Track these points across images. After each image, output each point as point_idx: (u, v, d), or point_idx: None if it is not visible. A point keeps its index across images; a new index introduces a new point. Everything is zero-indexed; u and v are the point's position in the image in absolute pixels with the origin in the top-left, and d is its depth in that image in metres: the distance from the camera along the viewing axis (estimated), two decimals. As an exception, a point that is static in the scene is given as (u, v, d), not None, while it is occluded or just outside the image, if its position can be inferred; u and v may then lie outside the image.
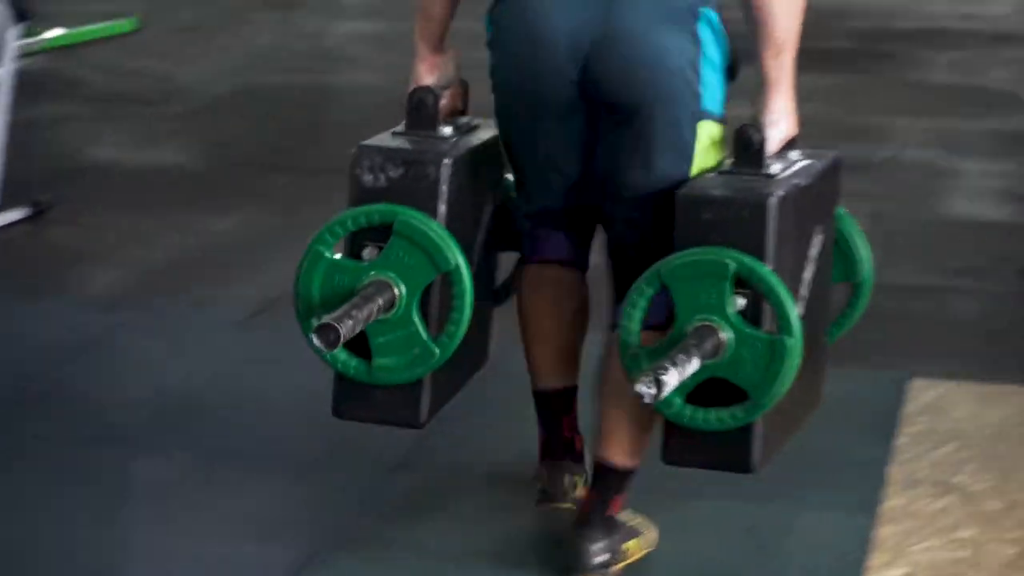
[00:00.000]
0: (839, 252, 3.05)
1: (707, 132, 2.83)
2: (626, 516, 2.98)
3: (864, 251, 3.11)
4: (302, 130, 6.58)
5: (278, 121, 6.73)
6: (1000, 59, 7.79)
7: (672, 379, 2.55)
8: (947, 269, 4.85)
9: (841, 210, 3.05)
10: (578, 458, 3.14)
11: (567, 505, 3.08)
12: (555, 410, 3.13)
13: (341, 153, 3.02)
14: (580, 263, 3.06)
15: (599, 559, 2.90)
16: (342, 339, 2.64)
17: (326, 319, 2.65)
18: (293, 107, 6.99)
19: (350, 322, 2.66)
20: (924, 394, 3.84)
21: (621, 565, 2.95)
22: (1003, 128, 5.88)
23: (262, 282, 4.60)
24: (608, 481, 2.92)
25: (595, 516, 2.91)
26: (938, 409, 3.78)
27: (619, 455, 2.91)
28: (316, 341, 2.66)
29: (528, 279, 3.08)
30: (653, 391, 2.54)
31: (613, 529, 2.92)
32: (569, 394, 3.13)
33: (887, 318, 4.03)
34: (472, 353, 3.00)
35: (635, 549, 2.98)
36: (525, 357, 3.12)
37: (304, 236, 2.89)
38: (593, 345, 3.08)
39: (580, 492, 3.07)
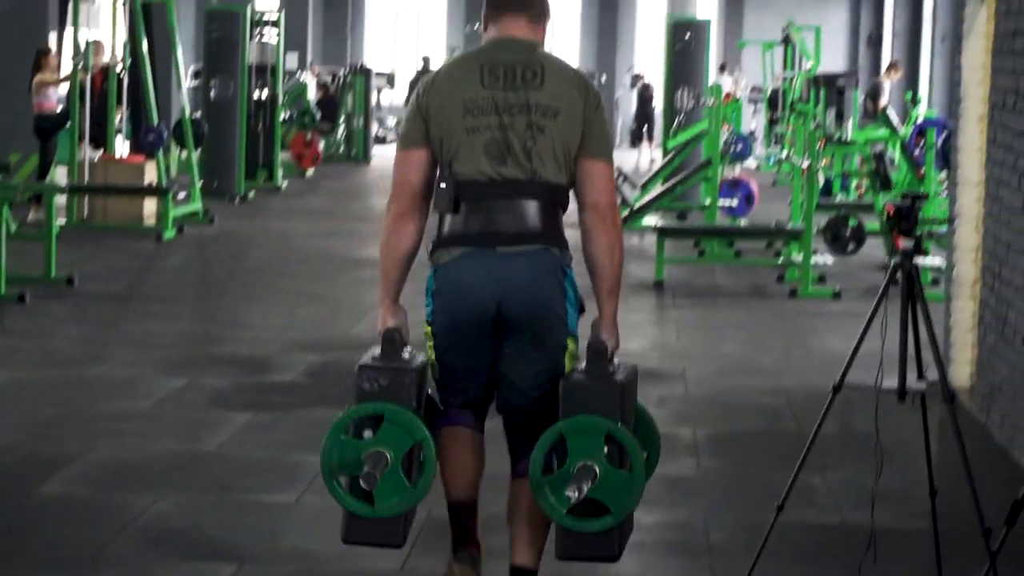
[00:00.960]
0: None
1: (570, 344, 4.78)
2: None
3: (655, 428, 4.94)
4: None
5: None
6: (648, 399, 7.84)
7: (585, 490, 4.44)
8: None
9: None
10: (477, 548, 4.82)
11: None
12: (465, 513, 4.83)
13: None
14: (480, 428, 4.88)
15: None
16: (376, 482, 4.49)
17: (367, 471, 4.47)
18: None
19: (372, 474, 4.48)
20: None
21: None
22: (663, 473, 5.58)
23: None
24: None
25: None
26: None
27: (531, 558, 4.78)
28: (363, 483, 4.49)
29: (446, 436, 4.82)
30: (575, 495, 4.43)
31: None
32: (474, 504, 4.85)
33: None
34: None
35: None
36: (444, 484, 4.82)
37: None
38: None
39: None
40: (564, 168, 4.77)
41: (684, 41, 19.54)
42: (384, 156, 29.68)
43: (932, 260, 12.95)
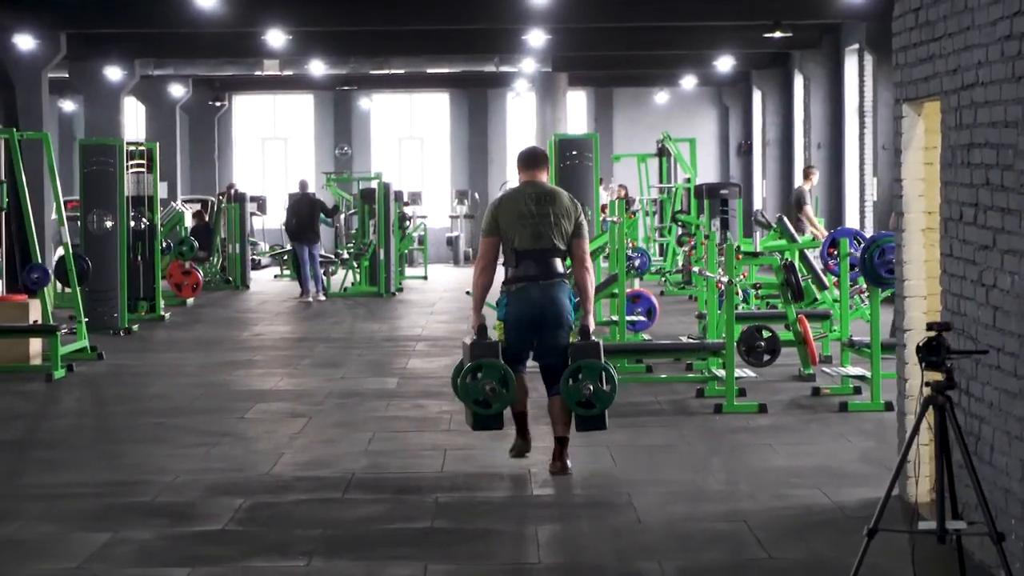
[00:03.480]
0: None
1: (572, 328, 9.53)
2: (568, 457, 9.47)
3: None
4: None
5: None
6: (600, 530, 7.78)
7: (587, 394, 9.30)
8: None
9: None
10: (528, 434, 9.87)
11: (526, 453, 9.86)
12: (521, 416, 9.81)
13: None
14: (523, 373, 9.63)
15: (566, 471, 9.37)
16: (495, 396, 9.37)
17: (489, 392, 9.37)
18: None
19: (493, 392, 9.35)
20: None
21: (569, 468, 9.38)
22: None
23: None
24: (563, 443, 9.46)
25: (562, 456, 9.44)
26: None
27: (564, 431, 9.48)
28: (489, 396, 9.36)
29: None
30: (586, 395, 9.27)
31: (566, 462, 9.44)
32: (526, 412, 9.81)
33: None
34: None
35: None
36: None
37: None
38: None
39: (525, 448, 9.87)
40: (565, 242, 9.44)
41: (571, 157, 19.36)
42: (262, 281, 29.23)
43: (853, 370, 12.77)
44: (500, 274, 9.64)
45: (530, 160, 9.62)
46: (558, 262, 9.36)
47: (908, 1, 8.39)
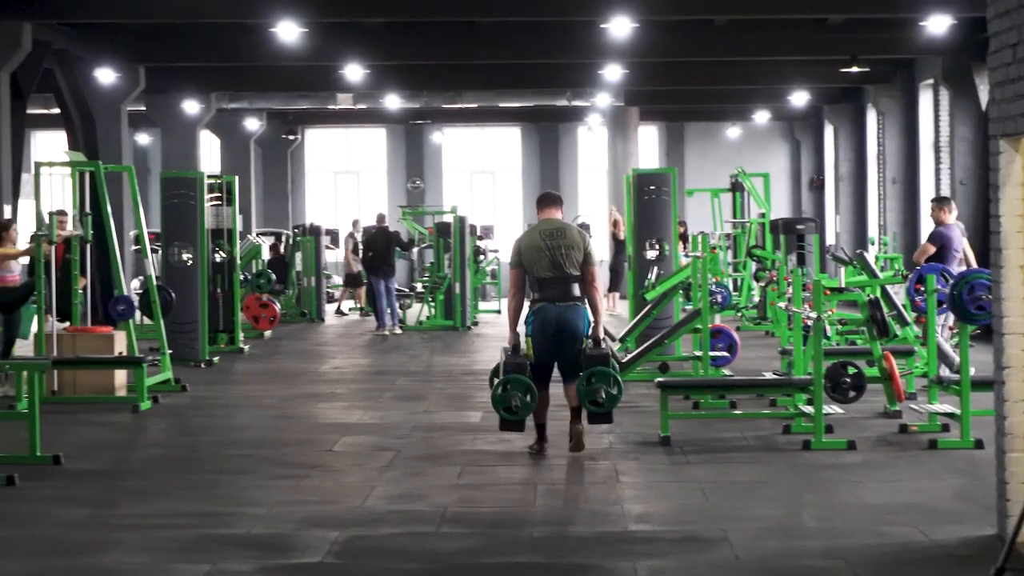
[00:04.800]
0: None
1: (586, 340, 11.51)
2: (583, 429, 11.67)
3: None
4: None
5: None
6: (698, 567, 7.91)
7: (599, 395, 11.40)
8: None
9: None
10: (546, 441, 11.73)
11: (545, 453, 11.61)
12: (542, 427, 11.73)
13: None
14: (547, 388, 11.70)
15: (580, 447, 11.58)
16: (520, 406, 11.50)
17: (515, 403, 11.48)
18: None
19: (519, 404, 11.48)
20: None
21: (584, 439, 11.65)
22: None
23: None
24: (576, 413, 11.66)
25: (577, 425, 11.61)
26: None
27: (576, 403, 11.59)
28: (514, 406, 11.45)
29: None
30: (599, 397, 11.37)
31: (580, 436, 11.60)
32: (545, 423, 11.75)
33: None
34: None
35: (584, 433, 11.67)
36: (534, 414, 11.62)
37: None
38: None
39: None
40: (577, 268, 11.49)
41: (648, 192, 19.38)
42: (336, 314, 29.36)
43: (940, 406, 12.69)
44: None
45: (545, 201, 11.95)
46: (573, 286, 11.46)
47: (1005, 36, 8.37)
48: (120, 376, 15.70)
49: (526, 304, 11.56)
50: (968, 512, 9.18)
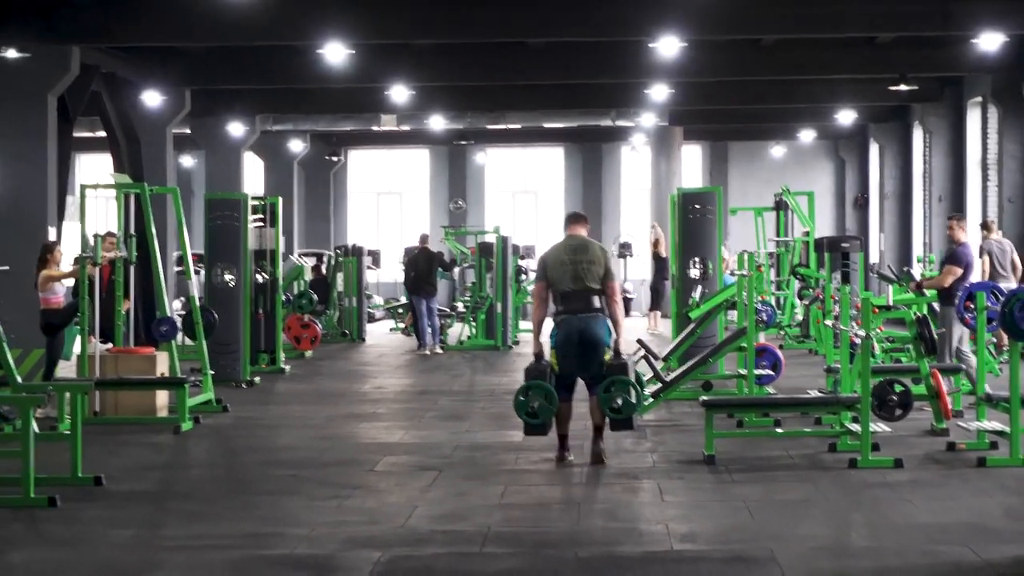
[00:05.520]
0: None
1: (607, 351, 11.97)
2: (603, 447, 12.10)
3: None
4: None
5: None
6: None
7: (619, 403, 11.79)
8: None
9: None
10: (568, 451, 12.15)
11: (568, 461, 12.07)
12: (564, 437, 12.17)
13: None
14: (571, 399, 12.12)
15: (600, 460, 11.97)
16: (540, 411, 11.91)
17: (536, 408, 11.84)
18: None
19: (539, 408, 11.87)
20: None
21: (605, 456, 12.01)
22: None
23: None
24: (599, 431, 12.05)
25: (597, 443, 12.05)
26: None
27: (600, 422, 12.01)
28: (535, 411, 11.82)
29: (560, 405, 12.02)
30: (617, 404, 11.78)
31: (600, 451, 12.01)
32: (567, 435, 12.16)
33: None
34: None
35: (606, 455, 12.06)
36: (557, 425, 12.09)
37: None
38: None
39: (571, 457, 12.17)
40: (598, 282, 11.95)
41: (694, 211, 19.30)
42: (377, 334, 29.36)
43: (989, 424, 12.54)
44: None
45: (570, 219, 12.48)
46: (594, 299, 11.92)
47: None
48: (162, 397, 15.69)
49: (548, 319, 12.19)
50: (1020, 531, 9.06)
